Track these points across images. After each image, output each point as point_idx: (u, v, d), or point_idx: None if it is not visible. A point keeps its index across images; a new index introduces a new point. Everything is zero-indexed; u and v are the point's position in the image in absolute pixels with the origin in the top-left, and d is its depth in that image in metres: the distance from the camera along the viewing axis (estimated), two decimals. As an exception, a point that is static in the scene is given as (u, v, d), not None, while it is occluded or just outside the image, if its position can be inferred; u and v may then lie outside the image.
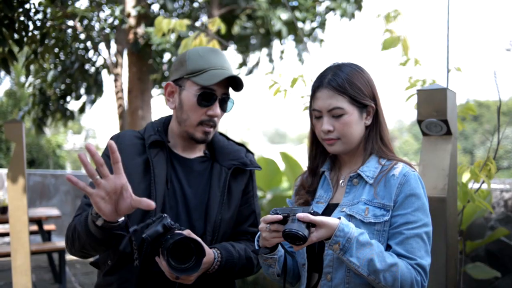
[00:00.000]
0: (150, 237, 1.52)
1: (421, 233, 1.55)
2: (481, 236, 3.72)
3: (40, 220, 5.95)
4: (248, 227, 1.92)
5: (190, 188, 1.80)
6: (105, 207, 1.43)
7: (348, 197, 1.65)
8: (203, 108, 1.75)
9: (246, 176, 1.92)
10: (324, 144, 1.69)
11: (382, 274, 1.47)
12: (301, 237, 1.42)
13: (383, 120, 1.70)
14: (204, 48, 1.83)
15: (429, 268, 1.55)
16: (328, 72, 1.66)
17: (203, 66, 1.75)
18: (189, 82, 1.76)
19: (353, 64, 1.71)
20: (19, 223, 3.92)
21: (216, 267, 1.70)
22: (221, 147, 1.91)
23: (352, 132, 1.63)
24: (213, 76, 1.73)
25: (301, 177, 1.84)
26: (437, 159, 2.41)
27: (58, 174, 9.95)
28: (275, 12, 6.89)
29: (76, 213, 1.76)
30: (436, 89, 2.44)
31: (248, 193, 1.93)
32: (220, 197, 1.81)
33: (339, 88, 1.61)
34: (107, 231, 1.52)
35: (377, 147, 1.67)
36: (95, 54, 7.06)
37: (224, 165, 1.86)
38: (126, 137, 1.83)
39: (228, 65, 1.81)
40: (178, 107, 1.80)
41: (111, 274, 1.75)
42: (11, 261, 3.91)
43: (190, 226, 1.75)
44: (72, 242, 1.69)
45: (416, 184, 1.58)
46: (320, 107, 1.64)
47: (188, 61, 1.77)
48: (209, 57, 1.77)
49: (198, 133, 1.79)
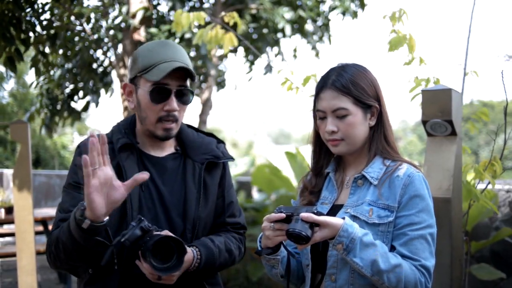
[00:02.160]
0: (129, 241, 1.51)
1: (425, 234, 1.54)
2: (486, 236, 3.71)
3: (45, 220, 5.96)
4: (227, 218, 1.90)
5: (165, 187, 1.77)
6: (97, 199, 1.44)
7: (352, 198, 1.64)
8: (158, 104, 1.70)
9: (220, 168, 1.89)
10: (328, 145, 1.69)
11: (386, 275, 1.46)
12: (304, 237, 1.42)
13: (387, 120, 1.70)
14: (153, 43, 1.78)
15: (433, 269, 1.55)
16: (332, 73, 1.66)
17: (152, 61, 1.69)
18: (142, 80, 1.72)
19: (357, 64, 1.70)
20: (24, 223, 3.93)
21: (196, 264, 1.69)
22: (190, 141, 1.87)
23: (356, 132, 1.63)
24: (162, 69, 1.67)
25: (304, 178, 1.84)
26: (442, 160, 2.41)
27: (63, 174, 9.98)
28: (279, 11, 6.88)
29: (53, 229, 1.71)
30: (440, 90, 2.44)
31: (223, 185, 1.90)
32: (196, 194, 1.78)
33: (343, 88, 1.61)
34: (92, 235, 1.50)
35: (381, 147, 1.67)
36: (103, 54, 7.06)
37: (196, 160, 1.83)
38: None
39: (180, 56, 1.73)
40: (137, 106, 1.76)
41: (92, 283, 1.71)
42: (17, 261, 3.93)
43: (169, 225, 1.73)
44: (56, 256, 1.65)
45: (420, 185, 1.58)
46: (324, 108, 1.64)
47: (139, 58, 1.73)
48: (158, 51, 1.72)
49: (159, 131, 1.74)
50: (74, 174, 1.74)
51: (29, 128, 4.00)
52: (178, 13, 3.57)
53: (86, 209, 1.47)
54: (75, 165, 1.74)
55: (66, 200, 1.73)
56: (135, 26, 6.20)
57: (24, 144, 3.95)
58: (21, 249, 3.92)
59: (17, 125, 4.04)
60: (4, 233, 6.35)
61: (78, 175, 1.71)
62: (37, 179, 9.67)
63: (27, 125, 4.03)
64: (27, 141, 3.94)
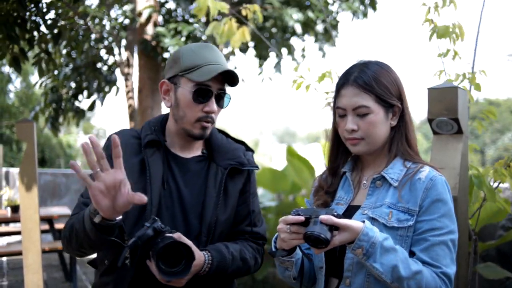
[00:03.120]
0: (141, 241, 1.51)
1: (446, 240, 1.50)
2: (492, 235, 3.69)
3: (51, 219, 5.99)
4: (246, 226, 1.89)
5: (186, 188, 1.78)
6: (103, 201, 1.42)
7: (370, 199, 1.59)
8: (199, 105, 1.72)
9: (243, 175, 1.89)
10: (347, 144, 1.63)
11: (406, 282, 1.41)
12: (323, 240, 1.37)
13: (409, 121, 1.64)
14: (197, 44, 1.80)
15: (453, 276, 1.50)
16: (354, 70, 1.60)
17: (197, 62, 1.72)
18: (184, 79, 1.73)
19: (380, 62, 1.64)
20: (30, 222, 3.94)
21: (207, 269, 1.68)
22: (218, 146, 1.87)
23: (377, 132, 1.58)
24: (208, 71, 1.70)
25: (319, 177, 1.79)
26: (448, 158, 2.39)
27: (69, 173, 10.00)
28: (287, 11, 6.88)
29: (73, 212, 1.74)
30: (447, 87, 2.42)
31: (245, 193, 1.89)
32: (215, 198, 1.78)
33: (365, 86, 1.55)
34: (103, 232, 1.50)
35: (402, 149, 1.61)
36: (107, 53, 7.08)
37: (220, 165, 1.83)
38: (124, 136, 1.80)
39: (223, 60, 1.77)
40: (174, 105, 1.78)
41: (108, 274, 1.73)
42: (23, 259, 3.93)
43: (186, 226, 1.74)
44: (69, 240, 1.67)
45: (443, 189, 1.53)
46: (344, 105, 1.58)
47: (182, 58, 1.75)
48: (203, 52, 1.74)
49: (196, 130, 1.75)
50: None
51: (35, 126, 4.00)
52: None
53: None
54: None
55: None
56: (142, 25, 6.20)
57: (30, 142, 3.96)
58: (27, 248, 3.93)
59: (23, 124, 4.05)
60: (10, 231, 6.38)
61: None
62: (43, 177, 9.69)
63: (33, 124, 4.04)
64: (33, 140, 3.95)
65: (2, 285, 5.78)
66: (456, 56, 2.86)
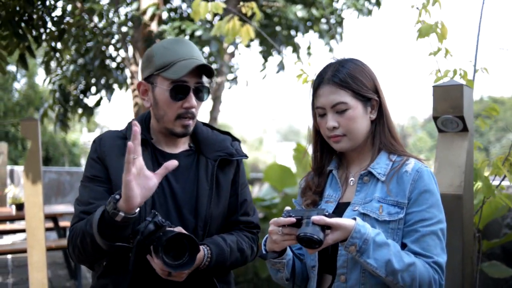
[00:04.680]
0: (143, 235, 1.52)
1: (436, 230, 1.53)
2: (497, 233, 3.68)
3: (55, 216, 6.01)
4: (240, 216, 1.89)
5: (177, 184, 1.78)
6: (136, 188, 1.46)
7: (359, 195, 1.62)
8: (178, 102, 1.72)
9: (233, 166, 1.89)
10: (330, 142, 1.66)
11: (400, 275, 1.44)
12: (316, 241, 1.38)
13: (388, 113, 1.67)
14: (169, 40, 1.79)
15: (445, 265, 1.53)
16: (329, 69, 1.64)
17: (170, 59, 1.71)
18: (159, 78, 1.73)
19: (354, 59, 1.68)
20: (35, 220, 3.96)
21: (206, 263, 1.69)
22: (205, 138, 1.87)
23: (358, 127, 1.61)
24: (182, 67, 1.69)
25: (306, 178, 1.81)
26: (453, 156, 2.38)
27: (73, 171, 10.05)
28: (291, 9, 6.87)
29: (73, 222, 1.71)
30: (452, 85, 2.41)
31: (236, 183, 1.90)
32: (209, 191, 1.78)
33: (341, 82, 1.59)
34: (124, 229, 1.52)
35: (386, 141, 1.64)
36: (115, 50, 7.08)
37: (209, 157, 1.83)
38: (108, 139, 1.80)
39: (197, 53, 1.76)
40: (153, 104, 1.77)
41: (105, 276, 1.72)
42: (27, 257, 3.95)
43: (181, 221, 1.74)
44: (82, 249, 1.63)
45: (429, 180, 1.56)
46: (323, 104, 1.62)
47: (155, 56, 1.74)
48: (175, 48, 1.73)
49: (177, 128, 1.76)
50: (91, 167, 1.76)
51: (39, 125, 4.01)
52: (196, 3, 3.50)
53: (120, 201, 1.48)
54: (92, 159, 1.77)
55: (84, 193, 1.74)
56: (146, 23, 6.20)
57: (34, 140, 3.97)
58: (32, 246, 3.95)
59: (27, 122, 4.07)
60: (15, 229, 6.41)
61: (95, 168, 1.75)
62: (47, 175, 9.72)
63: (37, 122, 4.06)
64: (37, 138, 3.96)
65: (7, 283, 5.80)
66: (448, 54, 2.86)
